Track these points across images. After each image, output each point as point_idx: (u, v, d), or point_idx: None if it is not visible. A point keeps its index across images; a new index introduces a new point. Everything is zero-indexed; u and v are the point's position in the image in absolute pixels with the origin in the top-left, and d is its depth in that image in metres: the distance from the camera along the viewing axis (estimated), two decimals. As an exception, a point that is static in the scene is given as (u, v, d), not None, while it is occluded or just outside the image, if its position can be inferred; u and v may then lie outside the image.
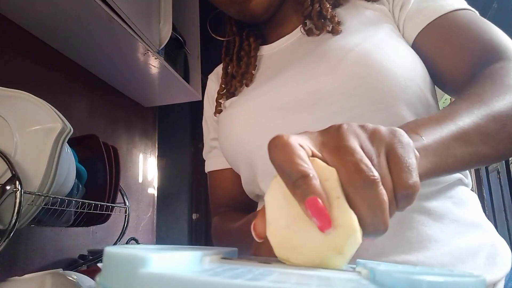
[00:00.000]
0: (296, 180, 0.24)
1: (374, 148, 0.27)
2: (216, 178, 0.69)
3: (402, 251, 0.45)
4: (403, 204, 0.27)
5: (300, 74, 0.53)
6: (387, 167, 0.26)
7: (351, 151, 0.25)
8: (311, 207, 0.23)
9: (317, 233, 0.24)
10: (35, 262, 0.92)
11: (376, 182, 0.24)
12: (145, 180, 1.52)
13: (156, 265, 0.17)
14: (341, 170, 0.25)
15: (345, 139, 0.26)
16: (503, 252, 0.49)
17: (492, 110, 0.36)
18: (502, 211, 2.12)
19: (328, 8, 0.57)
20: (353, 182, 0.24)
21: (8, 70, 0.90)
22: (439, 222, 0.47)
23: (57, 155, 0.65)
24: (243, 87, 0.63)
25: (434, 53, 0.51)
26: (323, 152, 0.27)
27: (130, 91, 1.39)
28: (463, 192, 0.52)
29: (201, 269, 0.19)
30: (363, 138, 0.27)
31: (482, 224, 0.50)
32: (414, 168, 0.26)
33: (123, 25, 0.98)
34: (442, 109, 0.38)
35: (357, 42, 0.50)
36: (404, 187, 0.26)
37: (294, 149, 0.25)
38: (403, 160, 0.26)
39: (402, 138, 0.28)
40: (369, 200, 0.24)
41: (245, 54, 0.65)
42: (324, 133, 0.28)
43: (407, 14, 0.54)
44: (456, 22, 0.51)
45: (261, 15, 0.58)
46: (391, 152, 0.27)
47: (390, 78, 0.47)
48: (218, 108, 0.67)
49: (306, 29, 0.58)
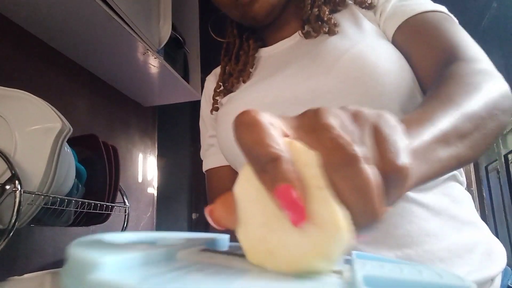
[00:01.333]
0: (264, 165, 0.20)
1: (357, 128, 0.22)
2: (214, 176, 0.70)
3: (402, 244, 0.46)
4: (393, 192, 0.22)
5: (298, 73, 0.55)
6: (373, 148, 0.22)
7: (328, 128, 0.21)
8: (281, 196, 0.19)
9: (298, 234, 0.19)
10: (34, 261, 0.92)
11: (356, 157, 0.20)
12: (145, 179, 1.52)
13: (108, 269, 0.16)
14: (319, 150, 0.21)
15: (323, 118, 0.22)
16: (498, 250, 0.50)
17: (465, 110, 0.35)
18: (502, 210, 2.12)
19: (325, 11, 0.59)
20: (331, 161, 0.20)
21: (8, 70, 0.90)
22: (438, 217, 0.48)
23: (56, 155, 0.65)
24: (240, 83, 0.64)
25: (406, 52, 0.53)
26: (298, 133, 0.22)
27: (130, 91, 1.39)
28: (459, 190, 0.53)
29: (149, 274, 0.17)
30: (344, 117, 0.23)
31: (477, 223, 0.52)
32: (403, 149, 0.23)
33: (123, 24, 0.98)
34: (415, 110, 0.35)
35: (352, 44, 0.52)
36: (392, 169, 0.21)
37: (264, 127, 0.21)
38: (390, 140, 0.22)
39: (388, 119, 0.24)
40: (351, 180, 0.20)
41: (244, 53, 0.66)
42: (300, 116, 0.24)
43: (385, 17, 0.57)
44: (426, 22, 0.53)
45: (263, 19, 0.59)
46: (376, 131, 0.23)
47: (384, 78, 0.49)
48: (215, 105, 0.68)
49: (304, 32, 0.60)
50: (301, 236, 0.19)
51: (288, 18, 0.64)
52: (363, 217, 0.20)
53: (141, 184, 1.48)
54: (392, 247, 0.46)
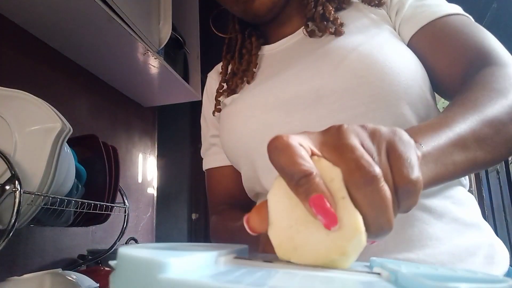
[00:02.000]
0: (298, 180, 0.23)
1: (375, 146, 0.26)
2: (215, 176, 0.69)
3: (404, 249, 0.45)
4: (406, 203, 0.26)
5: (302, 72, 0.54)
6: (388, 164, 0.26)
7: (351, 149, 0.25)
8: (315, 205, 0.23)
9: (321, 234, 0.24)
10: (34, 262, 0.92)
11: (377, 178, 0.23)
12: (145, 180, 1.52)
13: (174, 269, 0.17)
14: (342, 168, 0.24)
15: (345, 137, 0.25)
16: (501, 252, 0.49)
17: (486, 115, 0.37)
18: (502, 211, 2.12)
19: (331, 10, 0.58)
20: (354, 179, 0.24)
21: (8, 70, 0.90)
22: (439, 220, 0.47)
23: (56, 155, 0.65)
24: (244, 84, 0.63)
25: (426, 55, 0.52)
26: (323, 151, 0.26)
27: (130, 91, 1.39)
28: (462, 193, 0.52)
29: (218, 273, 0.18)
30: (364, 136, 0.26)
31: (480, 224, 0.51)
32: (415, 164, 0.26)
33: (123, 25, 0.98)
34: (437, 116, 0.37)
35: (360, 43, 0.51)
36: (406, 182, 0.25)
37: (295, 149, 0.24)
38: (404, 156, 0.26)
39: (402, 136, 0.27)
40: (371, 197, 0.23)
41: (247, 52, 0.65)
42: (324, 133, 0.27)
43: (402, 18, 0.55)
44: (449, 26, 0.52)
45: (264, 15, 0.59)
46: (391, 149, 0.26)
47: (392, 77, 0.48)
48: (218, 106, 0.67)
49: (308, 30, 0.59)
50: (324, 236, 0.23)
51: (290, 15, 0.63)
52: (378, 227, 0.24)
53: (141, 185, 1.48)
54: (393, 251, 0.45)
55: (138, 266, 0.17)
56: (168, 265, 0.16)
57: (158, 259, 0.16)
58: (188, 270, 0.18)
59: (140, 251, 0.19)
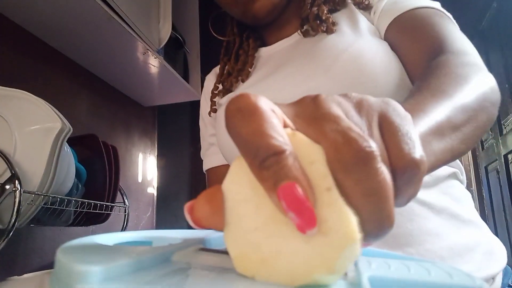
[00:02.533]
0: (265, 159, 0.17)
1: (363, 119, 0.20)
2: (214, 175, 0.69)
3: (403, 243, 0.46)
4: (407, 191, 0.19)
5: (297, 73, 0.55)
6: (382, 141, 0.19)
7: (334, 118, 0.18)
8: (286, 197, 0.16)
9: (298, 241, 0.17)
10: (34, 261, 0.92)
11: (373, 155, 0.17)
12: (145, 179, 1.52)
13: (97, 279, 0.15)
14: (324, 144, 0.18)
15: (324, 107, 0.19)
16: (498, 249, 0.50)
17: (457, 102, 0.33)
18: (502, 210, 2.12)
19: (324, 10, 0.59)
20: (342, 158, 0.17)
21: (8, 70, 0.90)
22: (438, 216, 0.48)
23: (56, 155, 0.65)
24: (239, 83, 0.64)
25: (396, 47, 0.54)
26: (297, 123, 0.19)
27: (130, 91, 1.39)
28: (460, 190, 0.53)
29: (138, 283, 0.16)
30: (347, 106, 0.20)
31: (478, 222, 0.52)
32: (417, 141, 0.20)
33: (123, 24, 0.98)
34: (406, 100, 0.32)
35: (350, 43, 0.53)
36: (407, 162, 0.19)
37: (266, 115, 0.17)
38: (402, 129, 0.20)
39: (397, 107, 0.21)
40: (366, 183, 0.17)
41: (244, 52, 0.66)
42: (297, 103, 0.21)
43: (378, 15, 0.57)
44: (416, 17, 0.53)
45: (264, 18, 0.59)
46: (385, 122, 0.20)
47: (382, 77, 0.49)
48: (213, 107, 0.67)
49: (302, 31, 0.60)
50: (303, 244, 0.17)
51: (288, 18, 0.64)
52: (376, 224, 0.18)
53: (141, 184, 1.48)
54: (392, 246, 0.45)
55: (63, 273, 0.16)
56: (88, 274, 0.15)
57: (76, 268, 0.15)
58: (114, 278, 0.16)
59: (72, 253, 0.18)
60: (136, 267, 0.18)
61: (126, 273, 0.17)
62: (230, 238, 0.18)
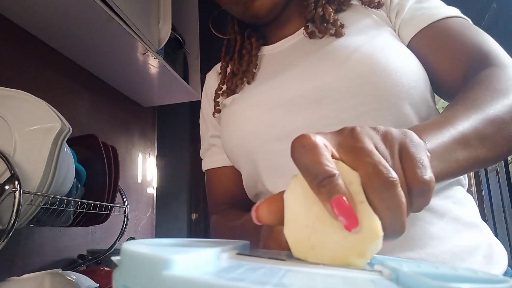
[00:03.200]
0: (322, 180, 0.24)
1: (388, 149, 0.27)
2: (215, 176, 0.69)
3: (406, 248, 0.46)
4: (419, 202, 0.26)
5: (305, 71, 0.54)
6: (401, 166, 0.26)
7: (368, 153, 0.25)
8: (338, 206, 0.23)
9: (338, 235, 0.24)
10: (34, 262, 0.92)
11: (395, 184, 0.24)
12: (144, 180, 1.52)
13: (179, 266, 0.16)
14: (360, 172, 0.25)
15: (360, 140, 0.26)
16: (499, 252, 0.50)
17: (488, 114, 0.38)
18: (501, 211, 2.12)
19: (330, 12, 0.58)
20: (373, 184, 0.24)
21: (8, 71, 0.90)
22: (440, 220, 0.48)
23: (56, 155, 0.65)
24: (244, 84, 0.63)
25: (427, 57, 0.53)
26: (340, 153, 0.27)
27: (130, 91, 1.39)
28: (461, 193, 0.53)
29: (221, 269, 0.18)
30: (377, 139, 0.27)
31: (479, 224, 0.51)
32: (427, 165, 0.27)
33: (123, 25, 0.98)
34: (440, 114, 0.38)
35: (361, 43, 0.52)
36: (420, 182, 0.26)
37: (322, 149, 0.25)
38: (416, 157, 0.27)
39: (413, 138, 0.28)
40: (388, 202, 0.24)
41: (247, 52, 0.65)
42: (338, 134, 0.28)
43: (402, 20, 0.56)
44: (449, 28, 0.53)
45: (264, 16, 0.59)
46: (403, 151, 0.27)
47: (395, 78, 0.48)
48: (217, 108, 0.67)
49: (308, 32, 0.59)
50: (342, 238, 0.24)
51: (290, 16, 0.63)
52: (393, 230, 0.25)
53: (140, 185, 1.48)
54: (395, 250, 0.45)
55: (143, 263, 0.17)
56: (172, 261, 0.16)
57: (162, 255, 0.16)
58: (192, 266, 0.18)
59: (144, 247, 0.19)
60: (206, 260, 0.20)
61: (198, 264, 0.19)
62: (289, 231, 0.25)
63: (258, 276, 0.17)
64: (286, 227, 0.26)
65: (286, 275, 0.18)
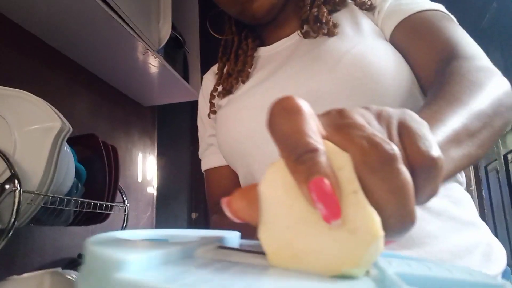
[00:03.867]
0: (301, 154, 0.19)
1: (384, 127, 0.22)
2: (214, 176, 0.69)
3: (404, 246, 0.46)
4: (427, 188, 0.21)
5: (299, 73, 0.55)
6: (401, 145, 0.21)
7: (360, 126, 0.20)
8: (316, 189, 0.18)
9: (327, 239, 0.18)
10: (34, 261, 0.92)
11: (395, 156, 0.19)
12: (144, 179, 1.52)
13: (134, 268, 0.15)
14: (352, 150, 0.19)
15: (349, 116, 0.21)
16: (498, 250, 0.50)
17: (473, 108, 0.35)
18: (501, 210, 2.12)
19: (324, 12, 0.58)
20: (367, 160, 0.19)
21: (8, 70, 0.90)
22: (438, 218, 0.48)
23: (56, 154, 0.65)
24: (239, 84, 0.63)
25: (404, 50, 0.53)
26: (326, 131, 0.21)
27: (130, 91, 1.39)
28: (459, 192, 0.53)
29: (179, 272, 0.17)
30: (369, 116, 0.22)
31: (477, 223, 0.51)
32: (433, 141, 0.22)
33: (123, 24, 0.98)
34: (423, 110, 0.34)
35: (353, 45, 0.52)
36: (425, 159, 0.20)
37: (306, 116, 0.20)
38: (419, 132, 0.22)
39: (414, 115, 0.24)
40: (390, 181, 0.19)
41: (243, 53, 0.66)
42: (324, 115, 0.23)
43: (383, 16, 0.57)
44: (423, 21, 0.53)
45: (262, 17, 0.59)
46: (403, 127, 0.22)
47: (385, 78, 0.49)
48: (212, 109, 0.67)
49: (303, 32, 0.60)
50: (332, 242, 0.18)
51: (287, 17, 0.63)
52: (399, 221, 0.19)
53: (140, 184, 1.48)
54: (392, 249, 0.45)
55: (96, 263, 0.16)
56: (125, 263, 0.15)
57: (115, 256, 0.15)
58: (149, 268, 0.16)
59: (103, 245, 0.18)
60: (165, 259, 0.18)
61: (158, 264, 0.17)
62: (265, 236, 0.20)
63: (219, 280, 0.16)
64: (262, 230, 0.20)
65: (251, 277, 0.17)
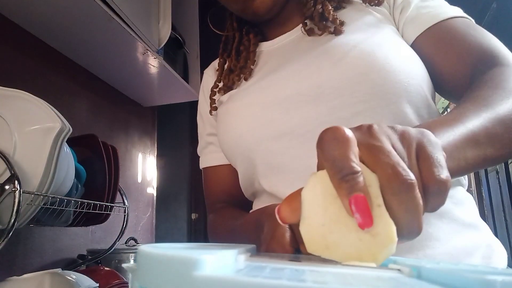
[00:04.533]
0: (345, 175, 0.24)
1: (405, 148, 0.27)
2: (212, 175, 0.69)
3: (404, 250, 0.45)
4: (435, 202, 0.26)
5: (302, 68, 0.54)
6: (417, 166, 0.26)
7: (387, 153, 0.25)
8: (356, 203, 0.23)
9: (353, 237, 0.24)
10: (34, 261, 0.92)
11: (413, 185, 0.24)
12: (144, 179, 1.52)
13: (208, 267, 0.16)
14: (379, 173, 0.25)
15: (378, 139, 0.26)
16: (498, 252, 0.50)
17: (498, 113, 0.38)
18: (501, 211, 2.12)
19: (330, 10, 0.57)
20: (391, 186, 0.24)
21: (8, 70, 0.90)
22: (439, 220, 0.47)
23: (56, 155, 0.65)
24: (241, 81, 0.63)
25: (432, 57, 0.53)
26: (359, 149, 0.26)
27: (130, 91, 1.39)
28: (461, 193, 0.53)
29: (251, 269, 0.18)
30: (394, 138, 0.27)
31: (479, 225, 0.51)
32: (444, 165, 0.27)
33: (123, 24, 0.98)
34: (450, 111, 0.38)
35: (360, 40, 0.52)
36: (436, 182, 0.26)
37: (352, 144, 0.25)
38: (433, 156, 0.27)
39: (430, 138, 0.28)
40: (406, 204, 0.24)
41: (245, 49, 0.65)
42: (356, 130, 0.28)
43: (406, 18, 0.56)
44: (454, 28, 0.53)
45: (264, 14, 0.58)
46: (421, 150, 0.27)
47: (393, 75, 0.48)
48: (213, 105, 0.66)
49: (306, 29, 0.59)
50: (357, 240, 0.24)
51: (289, 13, 0.63)
52: (409, 231, 0.25)
53: (140, 184, 1.48)
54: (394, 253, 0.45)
55: (170, 265, 0.17)
56: (202, 262, 0.16)
57: (192, 256, 0.16)
58: (221, 267, 0.18)
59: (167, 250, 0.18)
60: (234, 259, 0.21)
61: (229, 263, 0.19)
62: (305, 228, 0.26)
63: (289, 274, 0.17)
64: (302, 224, 0.26)
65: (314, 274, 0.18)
